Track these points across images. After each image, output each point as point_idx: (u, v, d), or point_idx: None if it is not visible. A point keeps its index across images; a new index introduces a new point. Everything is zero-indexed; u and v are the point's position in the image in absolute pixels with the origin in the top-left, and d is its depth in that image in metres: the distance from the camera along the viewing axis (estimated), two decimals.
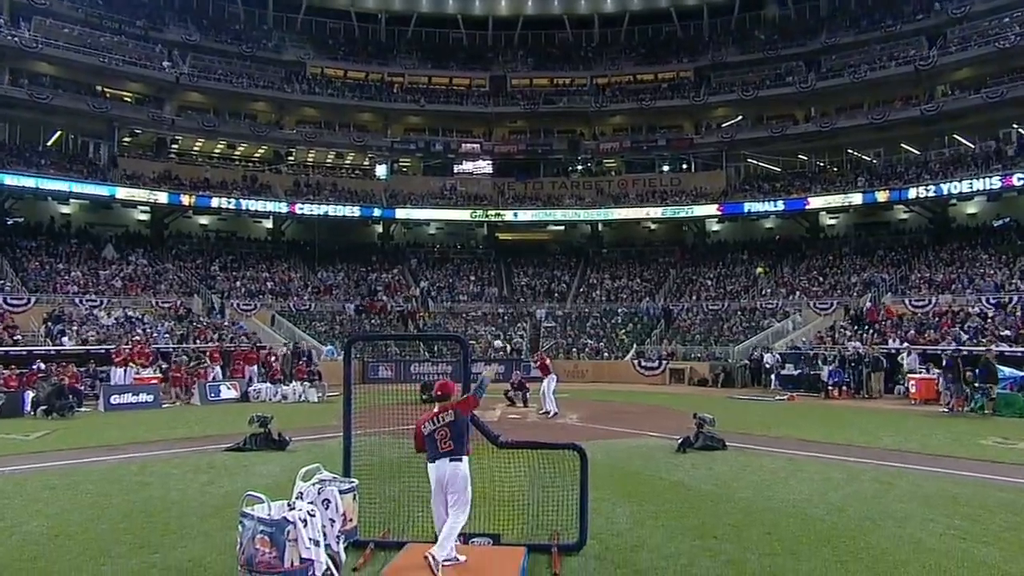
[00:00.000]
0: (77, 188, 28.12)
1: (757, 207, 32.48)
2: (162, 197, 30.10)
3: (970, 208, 29.40)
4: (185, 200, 30.55)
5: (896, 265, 28.02)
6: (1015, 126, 28.48)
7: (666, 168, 36.85)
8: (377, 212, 34.52)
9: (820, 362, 20.84)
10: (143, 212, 31.52)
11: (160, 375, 18.82)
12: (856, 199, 30.08)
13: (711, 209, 33.53)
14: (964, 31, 29.47)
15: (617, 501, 7.03)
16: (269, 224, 34.64)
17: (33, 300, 22.75)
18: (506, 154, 36.98)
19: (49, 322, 21.26)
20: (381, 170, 36.47)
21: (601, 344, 28.08)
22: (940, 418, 14.21)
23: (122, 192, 29.18)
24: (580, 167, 38.06)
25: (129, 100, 32.09)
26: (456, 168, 37.29)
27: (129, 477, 8.39)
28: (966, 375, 15.17)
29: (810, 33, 34.50)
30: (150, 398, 16.95)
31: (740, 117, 34.86)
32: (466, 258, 36.41)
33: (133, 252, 29.05)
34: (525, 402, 16.66)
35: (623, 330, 28.97)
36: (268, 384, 19.15)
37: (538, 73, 38.04)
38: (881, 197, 29.41)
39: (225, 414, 14.83)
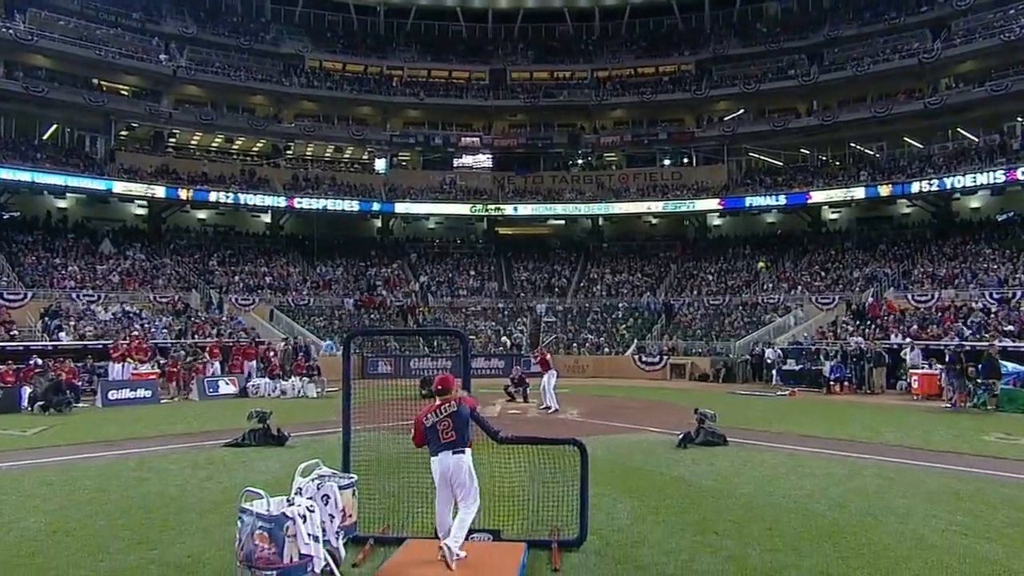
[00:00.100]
0: (73, 182, 27.95)
1: (759, 201, 32.34)
2: (159, 191, 29.95)
3: (974, 202, 29.22)
4: (183, 194, 30.40)
5: (899, 260, 27.89)
6: (1020, 119, 28.29)
7: (667, 162, 36.66)
8: (376, 206, 34.34)
9: (822, 357, 20.82)
10: (140, 206, 31.35)
11: (158, 371, 18.74)
12: (858, 193, 29.93)
13: (712, 203, 33.38)
14: (968, 23, 29.22)
15: (618, 497, 7.01)
16: (267, 218, 34.51)
17: (30, 295, 22.63)
18: (506, 148, 36.79)
19: (46, 317, 21.17)
20: (380, 164, 36.28)
21: (602, 339, 27.97)
22: (943, 414, 14.18)
23: (119, 186, 28.99)
24: (580, 161, 37.91)
25: (126, 93, 31.84)
26: (456, 162, 37.15)
27: (127, 473, 8.37)
28: (969, 371, 15.06)
29: (812, 26, 34.24)
30: (148, 394, 16.98)
31: (742, 111, 34.65)
32: (466, 253, 36.29)
33: (130, 247, 28.91)
34: (525, 397, 16.67)
35: (624, 325, 28.86)
36: (267, 379, 19.10)
37: (538, 66, 37.79)
38: (884, 191, 29.26)
39: (224, 409, 14.84)
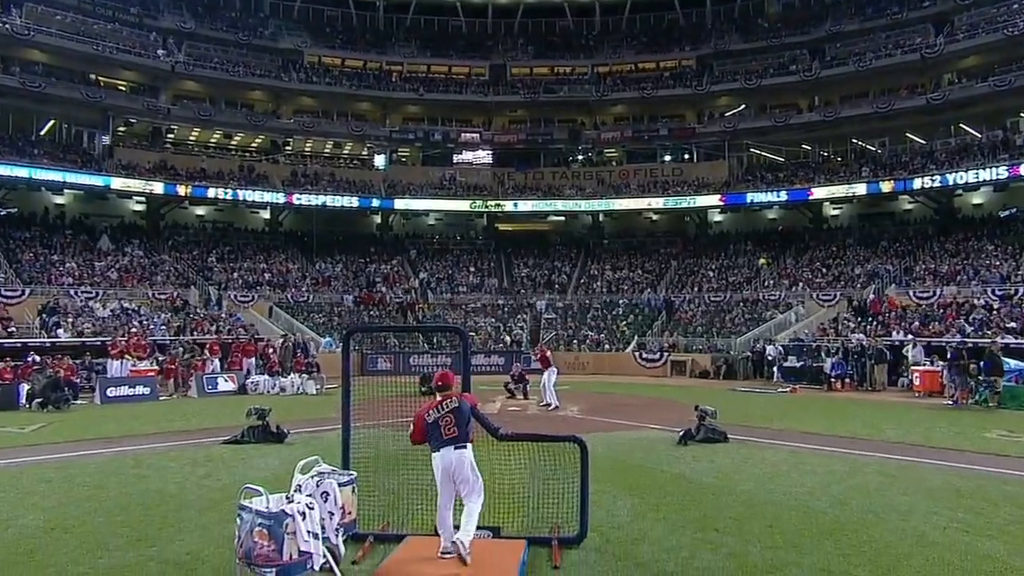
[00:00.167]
0: (71, 178, 27.86)
1: (760, 197, 32.23)
2: (158, 187, 29.83)
3: (976, 198, 29.11)
4: (181, 190, 30.28)
5: (900, 256, 27.79)
6: (1023, 115, 28.10)
7: (668, 158, 36.52)
8: (376, 202, 34.24)
9: (823, 354, 20.74)
10: (139, 203, 31.25)
11: (157, 368, 18.67)
12: (860, 189, 29.83)
13: (713, 199, 33.25)
14: (971, 18, 29.06)
15: (618, 494, 6.99)
16: (266, 215, 34.40)
17: (27, 292, 22.55)
18: (506, 144, 36.65)
19: (44, 314, 21.09)
20: (380, 160, 36.16)
21: (602, 336, 27.90)
22: (944, 411, 14.15)
23: (117, 182, 28.90)
24: (581, 157, 37.79)
25: (124, 89, 31.69)
26: (455, 158, 37.02)
27: (126, 470, 8.33)
28: (970, 368, 15.01)
29: (814, 21, 34.05)
30: (147, 391, 16.91)
31: (743, 106, 34.49)
32: (466, 249, 36.19)
33: (129, 243, 28.82)
34: (525, 394, 16.64)
35: (624, 322, 28.78)
36: (266, 376, 19.02)
37: (538, 61, 37.63)
38: (886, 187, 29.15)
39: (223, 406, 14.81)
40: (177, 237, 31.34)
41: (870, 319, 22.74)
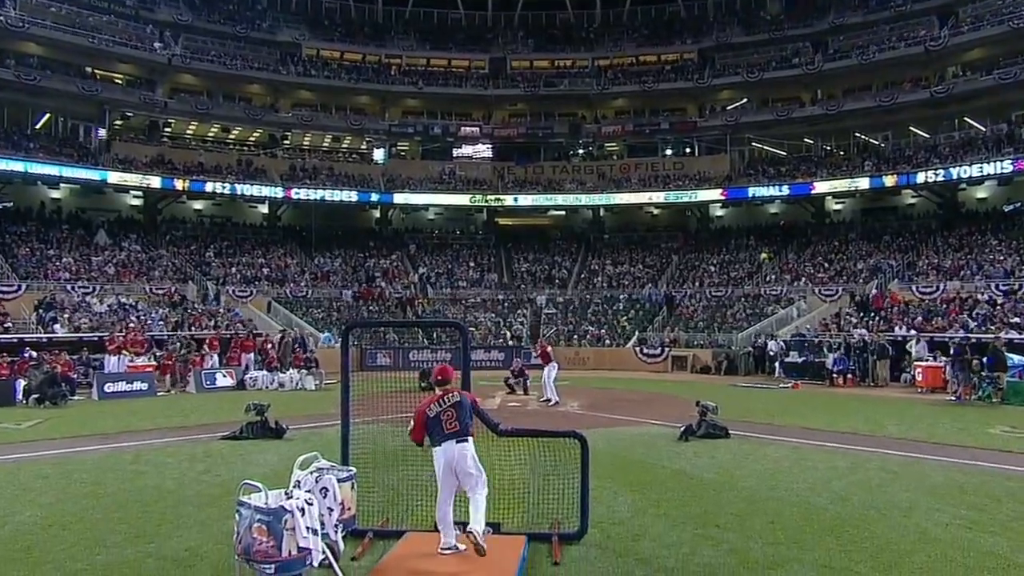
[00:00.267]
0: (67, 172, 27.62)
1: (762, 192, 32.03)
2: (155, 182, 29.63)
3: (980, 193, 28.96)
4: (179, 185, 30.07)
5: (903, 251, 27.64)
6: None
7: (669, 152, 36.32)
8: (375, 197, 34.03)
9: (825, 349, 20.68)
10: (136, 197, 31.04)
11: (155, 363, 18.56)
12: (863, 183, 29.66)
13: (715, 194, 33.08)
14: (976, 10, 28.79)
15: (618, 490, 7.00)
16: (265, 209, 34.22)
17: (23, 287, 22.40)
18: (506, 138, 36.44)
19: (40, 309, 20.96)
20: (379, 154, 35.96)
21: (602, 331, 27.77)
22: (947, 406, 14.16)
23: (114, 176, 28.68)
24: (581, 151, 37.59)
25: (120, 82, 31.44)
26: (455, 152, 36.84)
27: (124, 466, 8.32)
28: (974, 363, 14.91)
29: (817, 13, 33.76)
30: (145, 386, 16.88)
31: (745, 100, 34.28)
32: (465, 244, 36.04)
33: (126, 238, 28.68)
34: (526, 390, 16.58)
35: (625, 317, 28.65)
36: (265, 372, 18.94)
37: (539, 55, 37.36)
38: (889, 182, 28.97)
39: (221, 402, 14.84)
40: (175, 232, 31.18)
41: (872, 314, 22.66)
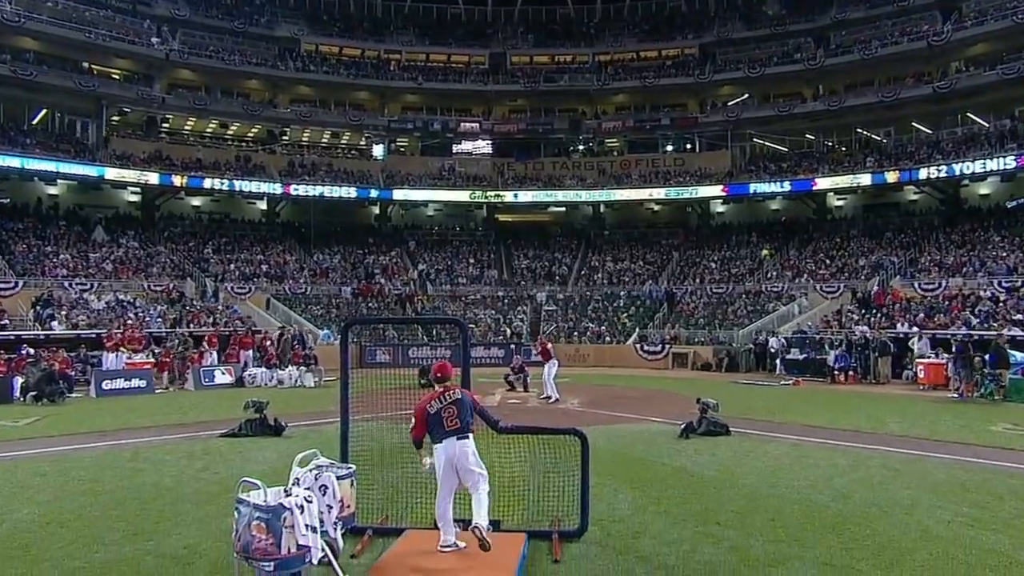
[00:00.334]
0: (65, 168, 27.52)
1: (763, 188, 31.92)
2: (153, 178, 29.50)
3: (983, 189, 28.80)
4: (177, 181, 29.95)
5: (905, 247, 27.53)
6: None
7: (670, 148, 36.21)
8: (374, 193, 33.90)
9: (826, 346, 20.66)
10: (133, 193, 30.90)
11: (153, 360, 18.48)
12: (865, 180, 29.54)
13: (716, 190, 32.96)
14: (980, 4, 28.58)
15: (619, 487, 6.99)
16: (263, 205, 34.09)
17: (21, 284, 22.33)
18: (506, 133, 36.29)
19: (38, 306, 20.91)
20: (378, 150, 35.81)
21: (603, 328, 27.67)
22: (949, 404, 14.13)
23: (111, 172, 28.54)
24: (582, 147, 37.46)
25: (117, 77, 31.27)
26: (455, 148, 36.70)
27: (122, 463, 8.29)
28: (976, 360, 14.83)
29: (819, 8, 33.56)
30: (143, 383, 16.87)
31: (746, 95, 34.11)
32: (465, 240, 35.93)
33: (124, 234, 28.57)
34: (526, 386, 16.57)
35: (625, 314, 28.56)
36: (263, 369, 18.90)
37: (539, 50, 37.19)
38: (891, 178, 28.86)
39: (220, 399, 14.84)
40: (173, 228, 31.06)
41: (874, 311, 22.58)
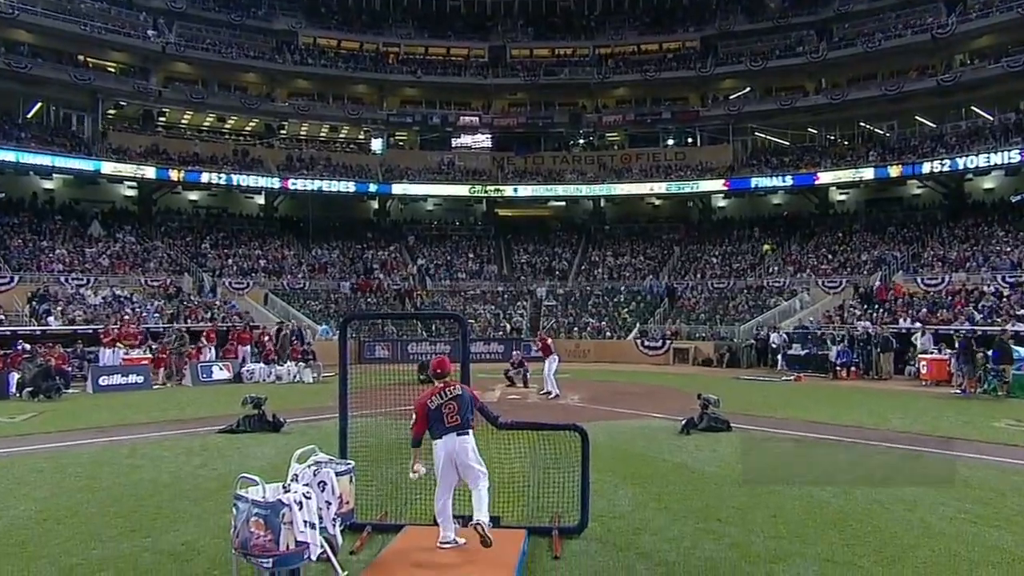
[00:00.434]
0: (60, 163, 27.25)
1: (765, 182, 31.74)
2: (150, 172, 29.28)
3: (987, 183, 28.59)
4: (174, 175, 29.75)
5: (908, 242, 27.39)
6: None
7: (671, 142, 35.99)
8: (373, 187, 33.72)
9: (828, 342, 20.53)
10: (130, 188, 30.68)
11: (150, 356, 18.34)
12: (868, 174, 29.33)
13: (717, 184, 32.78)
14: None
15: (619, 483, 6.99)
16: (261, 200, 33.89)
17: (16, 279, 22.15)
18: (505, 127, 36.07)
19: (34, 301, 20.78)
20: (377, 144, 35.56)
21: (603, 323, 27.54)
22: (952, 400, 14.09)
23: (108, 167, 28.34)
24: (582, 141, 37.27)
25: (113, 71, 31.01)
26: (454, 142, 36.49)
27: (119, 460, 8.27)
28: (979, 356, 14.71)
29: (822, 0, 33.21)
30: (140, 379, 16.80)
31: (748, 89, 33.88)
32: (465, 235, 35.78)
33: (120, 229, 28.35)
34: (525, 382, 16.54)
35: (626, 309, 28.42)
36: (262, 364, 18.83)
37: (539, 43, 36.91)
38: (894, 172, 28.65)
39: (218, 395, 14.83)
40: (170, 223, 30.87)
41: (876, 306, 22.46)
